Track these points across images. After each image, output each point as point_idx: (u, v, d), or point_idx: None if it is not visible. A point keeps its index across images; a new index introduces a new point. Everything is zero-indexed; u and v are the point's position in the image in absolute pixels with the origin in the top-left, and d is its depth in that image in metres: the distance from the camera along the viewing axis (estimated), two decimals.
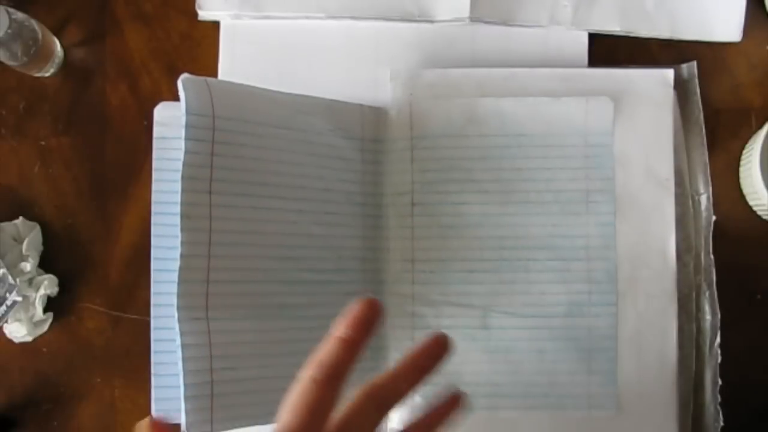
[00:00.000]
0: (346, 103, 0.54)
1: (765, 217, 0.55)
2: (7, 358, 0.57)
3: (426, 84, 0.55)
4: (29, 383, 0.57)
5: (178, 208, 0.45)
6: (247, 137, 0.48)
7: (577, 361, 0.52)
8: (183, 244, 0.45)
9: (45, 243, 0.57)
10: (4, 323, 0.55)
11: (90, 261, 0.57)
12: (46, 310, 0.56)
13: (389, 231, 0.54)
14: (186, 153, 0.45)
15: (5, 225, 0.56)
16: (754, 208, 0.56)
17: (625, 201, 0.53)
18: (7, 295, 0.53)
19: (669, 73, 0.54)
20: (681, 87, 0.56)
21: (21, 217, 0.57)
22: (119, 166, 0.58)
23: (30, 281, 0.55)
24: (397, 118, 0.55)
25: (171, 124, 0.51)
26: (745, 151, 0.56)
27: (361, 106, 0.54)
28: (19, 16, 0.53)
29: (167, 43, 0.59)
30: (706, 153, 0.55)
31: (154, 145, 0.52)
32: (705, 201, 0.55)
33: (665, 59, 0.57)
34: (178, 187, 0.45)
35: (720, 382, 0.53)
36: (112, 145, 0.58)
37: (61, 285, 0.57)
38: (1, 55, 0.53)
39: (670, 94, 0.54)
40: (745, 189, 0.56)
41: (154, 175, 0.52)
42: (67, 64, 0.59)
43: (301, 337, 0.49)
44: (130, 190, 0.58)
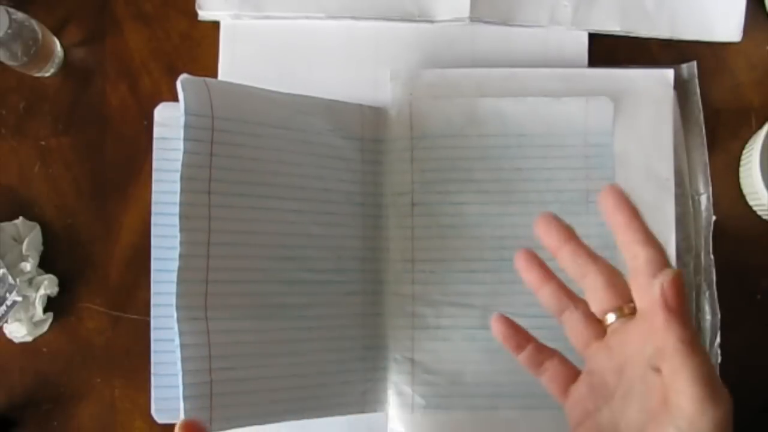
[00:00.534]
0: (345, 103, 0.54)
1: (765, 217, 0.55)
2: (7, 358, 0.57)
3: (426, 84, 0.55)
4: (29, 383, 0.57)
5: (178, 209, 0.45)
6: (246, 137, 0.48)
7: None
8: (182, 244, 0.45)
9: (45, 243, 0.57)
10: (4, 323, 0.55)
11: (90, 261, 0.57)
12: (46, 310, 0.56)
13: (389, 231, 0.54)
14: (185, 153, 0.45)
15: (5, 225, 0.56)
16: (754, 208, 0.56)
17: None
18: (7, 295, 0.53)
19: (669, 73, 0.54)
20: (681, 87, 0.56)
21: (21, 217, 0.57)
22: (119, 166, 0.58)
23: (30, 281, 0.55)
24: (397, 118, 0.55)
25: (171, 124, 0.51)
26: (745, 151, 0.56)
27: (361, 106, 0.54)
28: (19, 16, 0.53)
29: (167, 43, 0.59)
30: (706, 153, 0.55)
31: (155, 145, 0.52)
32: (705, 201, 0.55)
33: (665, 59, 0.57)
34: (178, 187, 0.45)
35: None
36: (112, 145, 0.58)
37: (61, 285, 0.57)
38: (1, 55, 0.53)
39: (670, 94, 0.54)
40: (745, 189, 0.56)
41: (154, 175, 0.52)
42: (67, 64, 0.59)
43: (301, 337, 0.49)
44: (130, 190, 0.58)
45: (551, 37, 0.57)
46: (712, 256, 0.54)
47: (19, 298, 0.53)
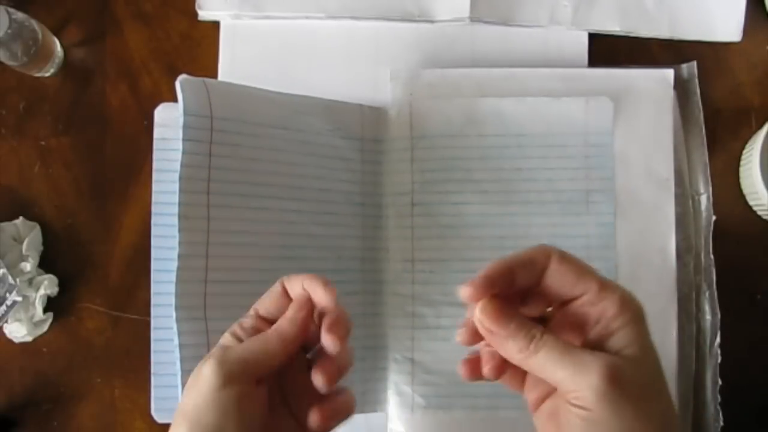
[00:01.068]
0: (345, 103, 0.54)
1: (765, 217, 0.55)
2: (7, 358, 0.57)
3: (426, 84, 0.55)
4: (29, 383, 0.57)
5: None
6: (245, 138, 0.48)
7: None
8: (181, 244, 0.45)
9: (45, 243, 0.57)
10: (4, 323, 0.55)
11: (90, 261, 0.57)
12: (46, 310, 0.56)
13: (389, 231, 0.54)
14: (184, 153, 0.46)
15: (5, 225, 0.56)
16: (754, 208, 0.56)
17: (625, 201, 0.53)
18: (7, 295, 0.53)
19: (669, 73, 0.54)
20: (681, 87, 0.56)
21: (21, 217, 0.57)
22: (119, 166, 0.58)
23: (30, 281, 0.55)
24: (397, 118, 0.55)
25: (171, 125, 0.51)
26: (745, 151, 0.56)
27: (360, 106, 0.54)
28: (19, 16, 0.53)
29: (167, 43, 0.59)
30: (706, 153, 0.55)
31: (155, 145, 0.52)
32: (705, 201, 0.55)
33: (665, 59, 0.57)
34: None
35: (720, 382, 0.53)
36: (112, 145, 0.58)
37: (61, 285, 0.57)
38: (1, 55, 0.53)
39: (670, 94, 0.54)
40: (745, 189, 0.56)
41: (154, 175, 0.52)
42: (67, 64, 0.59)
43: None
44: (130, 190, 0.58)
45: (551, 37, 0.57)
46: (712, 256, 0.54)
47: (19, 298, 0.53)
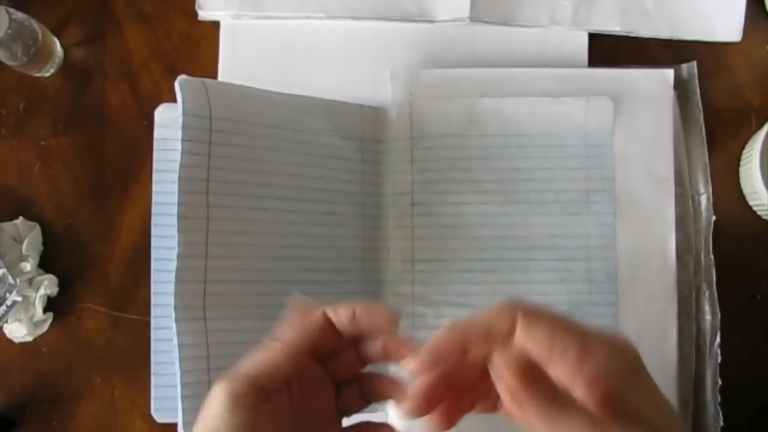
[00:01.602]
0: (345, 103, 0.54)
1: (765, 217, 0.55)
2: (7, 358, 0.57)
3: (426, 84, 0.55)
4: (29, 383, 0.57)
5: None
6: (245, 138, 0.48)
7: None
8: (180, 244, 0.45)
9: (45, 243, 0.57)
10: (4, 323, 0.55)
11: (90, 261, 0.57)
12: (46, 310, 0.56)
13: (389, 231, 0.54)
14: (183, 154, 0.46)
15: (5, 225, 0.56)
16: (754, 208, 0.56)
17: (625, 201, 0.53)
18: (7, 295, 0.53)
19: (669, 73, 0.54)
20: (681, 87, 0.56)
21: (21, 217, 0.57)
22: (119, 166, 0.58)
23: (30, 281, 0.55)
24: (397, 118, 0.55)
25: (172, 125, 0.51)
26: (745, 151, 0.56)
27: (360, 106, 0.54)
28: (19, 16, 0.53)
29: (167, 43, 0.59)
30: (706, 153, 0.55)
31: (155, 146, 0.52)
32: (705, 201, 0.55)
33: (665, 59, 0.57)
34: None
35: (720, 382, 0.53)
36: (112, 145, 0.58)
37: (61, 285, 0.57)
38: (1, 55, 0.53)
39: (670, 94, 0.54)
40: (745, 189, 0.56)
41: (154, 176, 0.52)
42: (67, 64, 0.59)
43: None
44: (130, 190, 0.58)
45: (551, 37, 0.57)
46: (712, 256, 0.54)
47: (19, 298, 0.53)
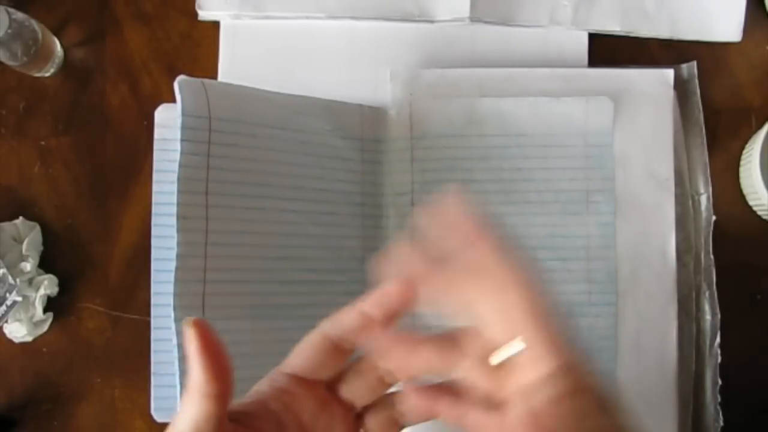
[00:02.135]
0: (345, 103, 0.54)
1: (765, 217, 0.55)
2: (7, 358, 0.57)
3: (426, 84, 0.55)
4: (29, 383, 0.57)
5: None
6: (244, 138, 0.48)
7: None
8: (179, 244, 0.45)
9: (45, 243, 0.57)
10: (4, 323, 0.55)
11: (90, 261, 0.57)
12: (46, 310, 0.56)
13: (389, 231, 0.54)
14: (182, 154, 0.46)
15: (5, 225, 0.56)
16: (754, 208, 0.56)
17: (625, 201, 0.53)
18: (7, 295, 0.53)
19: (669, 73, 0.54)
20: (681, 87, 0.56)
21: (21, 217, 0.57)
22: (119, 166, 0.58)
23: (30, 281, 0.55)
24: (397, 118, 0.55)
25: (172, 125, 0.51)
26: (745, 151, 0.56)
27: (360, 106, 0.54)
28: (19, 16, 0.53)
29: (167, 43, 0.59)
30: (706, 153, 0.55)
31: (155, 146, 0.52)
32: (705, 201, 0.55)
33: (665, 59, 0.57)
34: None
35: (720, 382, 0.53)
36: (112, 145, 0.58)
37: (61, 285, 0.57)
38: (1, 55, 0.53)
39: (670, 94, 0.54)
40: (745, 189, 0.56)
41: (154, 176, 0.52)
42: (67, 64, 0.59)
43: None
44: (130, 190, 0.58)
45: (551, 37, 0.57)
46: (712, 256, 0.54)
47: (19, 298, 0.53)
